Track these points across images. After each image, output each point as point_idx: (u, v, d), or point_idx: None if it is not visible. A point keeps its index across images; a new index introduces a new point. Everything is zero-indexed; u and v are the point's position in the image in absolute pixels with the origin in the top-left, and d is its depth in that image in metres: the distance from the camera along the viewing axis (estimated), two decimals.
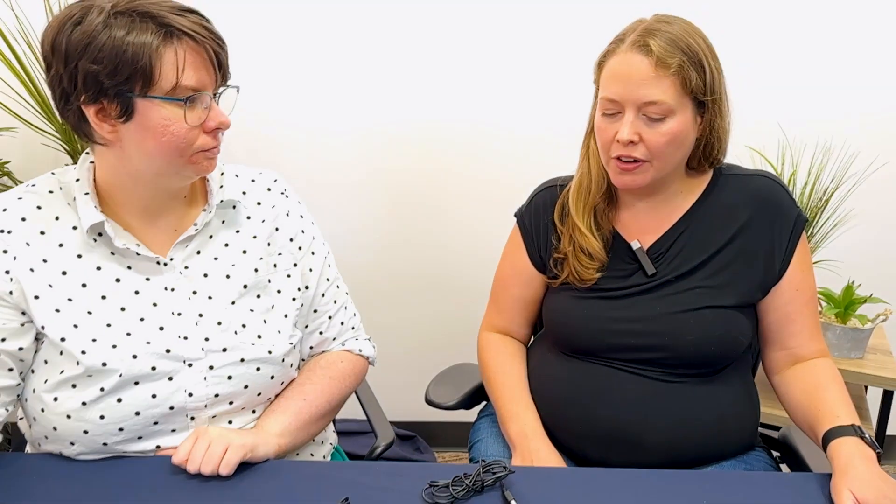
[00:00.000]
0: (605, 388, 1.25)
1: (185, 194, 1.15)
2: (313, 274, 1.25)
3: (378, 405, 1.49)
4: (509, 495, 1.00)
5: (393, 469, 1.08)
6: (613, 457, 1.23)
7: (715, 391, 1.24)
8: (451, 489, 1.00)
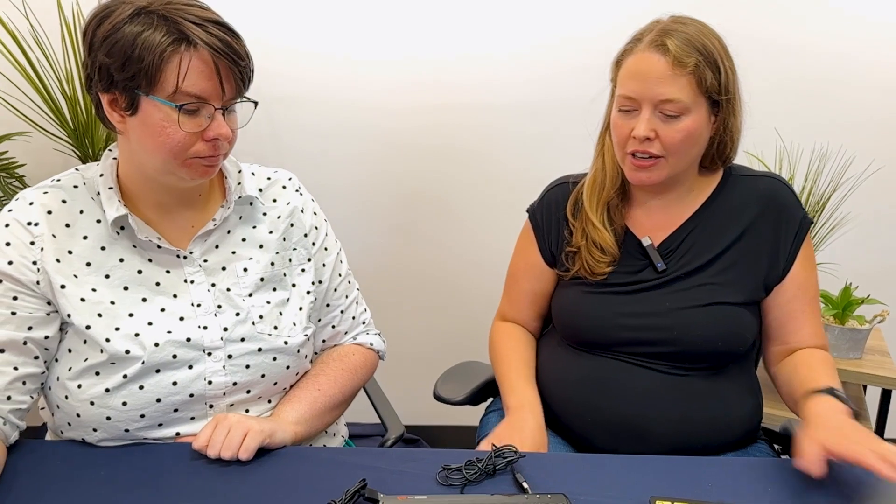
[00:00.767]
0: (614, 381, 1.27)
1: (199, 193, 1.18)
2: (326, 269, 1.28)
3: (387, 400, 1.52)
4: (520, 478, 1.03)
5: (407, 454, 1.11)
6: (621, 447, 1.25)
7: (720, 386, 1.27)
8: (465, 472, 1.03)
